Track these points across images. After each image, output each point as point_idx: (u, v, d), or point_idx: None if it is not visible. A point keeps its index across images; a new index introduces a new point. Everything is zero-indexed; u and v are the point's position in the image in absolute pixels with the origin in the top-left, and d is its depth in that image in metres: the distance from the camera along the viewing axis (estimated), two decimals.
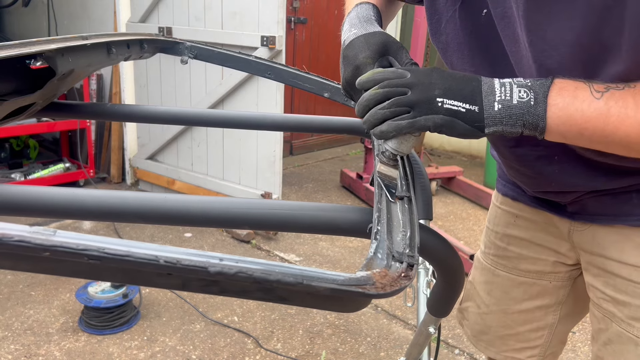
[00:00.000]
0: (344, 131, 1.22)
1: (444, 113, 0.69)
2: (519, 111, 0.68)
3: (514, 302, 1.16)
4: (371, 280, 0.45)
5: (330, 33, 5.16)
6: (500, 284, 1.17)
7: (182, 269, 0.41)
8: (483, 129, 0.69)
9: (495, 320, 1.20)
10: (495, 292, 1.18)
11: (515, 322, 1.18)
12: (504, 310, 1.18)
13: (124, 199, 0.63)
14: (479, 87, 0.69)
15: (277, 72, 1.31)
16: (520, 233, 1.12)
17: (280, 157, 3.31)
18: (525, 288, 1.14)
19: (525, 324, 1.17)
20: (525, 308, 1.15)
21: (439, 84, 0.69)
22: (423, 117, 0.69)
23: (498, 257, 1.17)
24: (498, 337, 1.22)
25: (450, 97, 0.69)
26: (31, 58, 0.87)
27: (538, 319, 1.16)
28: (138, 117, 1.28)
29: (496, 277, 1.18)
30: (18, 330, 2.32)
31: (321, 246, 3.25)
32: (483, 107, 0.68)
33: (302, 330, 2.41)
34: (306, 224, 0.65)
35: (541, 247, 1.09)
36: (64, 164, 4.04)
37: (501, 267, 1.16)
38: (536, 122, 0.68)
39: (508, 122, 0.69)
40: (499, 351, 1.23)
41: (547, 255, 1.09)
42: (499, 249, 1.16)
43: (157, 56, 1.43)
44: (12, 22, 5.10)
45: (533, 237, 1.10)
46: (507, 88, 0.69)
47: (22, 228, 0.41)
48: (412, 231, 0.56)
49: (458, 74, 0.72)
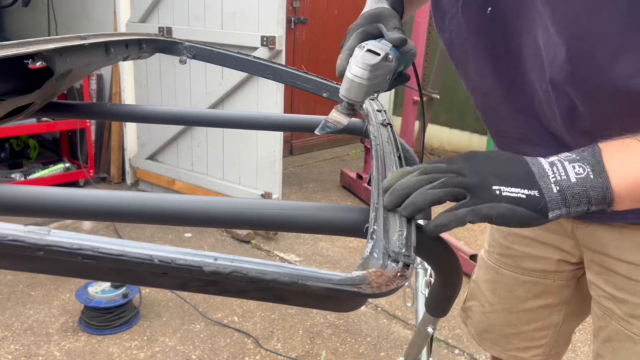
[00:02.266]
0: (344, 131, 1.22)
1: (505, 201, 0.60)
2: (581, 189, 0.61)
3: (518, 301, 1.16)
4: (367, 280, 0.45)
5: (330, 33, 5.16)
6: (504, 282, 1.17)
7: (176, 269, 0.41)
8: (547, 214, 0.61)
9: (499, 319, 1.20)
10: (499, 291, 1.19)
11: (519, 321, 1.18)
12: (508, 309, 1.18)
13: (123, 199, 0.63)
14: (529, 168, 0.62)
15: (276, 72, 1.31)
16: (523, 231, 1.12)
17: (280, 157, 3.31)
18: (529, 287, 1.14)
19: (529, 323, 1.17)
20: (530, 307, 1.16)
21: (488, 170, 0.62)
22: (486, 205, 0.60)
23: (502, 256, 1.17)
24: (502, 335, 1.22)
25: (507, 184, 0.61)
26: (29, 58, 0.87)
27: (542, 318, 1.16)
28: (138, 117, 1.28)
29: (500, 275, 1.18)
30: (18, 330, 2.32)
31: (321, 246, 3.25)
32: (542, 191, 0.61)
33: (302, 330, 2.41)
34: (304, 224, 0.65)
35: (545, 245, 1.10)
36: (64, 164, 4.04)
37: (505, 265, 1.17)
38: (603, 195, 0.62)
39: (572, 202, 0.62)
40: (503, 350, 1.23)
41: (550, 254, 1.10)
42: (503, 248, 1.17)
43: (157, 56, 1.43)
44: (12, 22, 5.10)
45: (537, 235, 1.10)
46: (559, 167, 0.62)
47: (17, 227, 0.41)
48: (409, 231, 0.56)
49: (500, 156, 0.64)
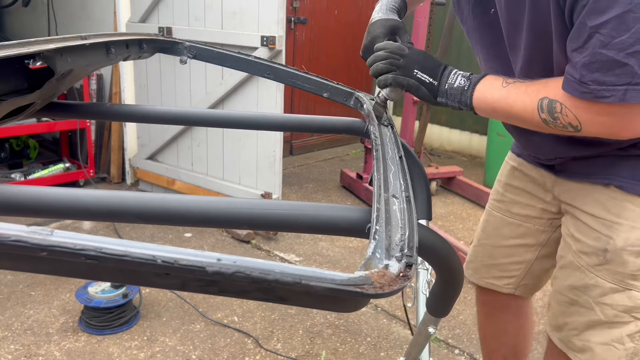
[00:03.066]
0: (344, 131, 1.22)
1: (415, 79, 1.06)
2: (456, 92, 1.05)
3: (502, 238, 1.44)
4: (369, 280, 0.45)
5: (330, 33, 5.16)
6: (493, 222, 1.46)
7: (179, 269, 0.41)
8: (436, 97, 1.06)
9: (483, 252, 1.49)
10: (488, 229, 1.47)
11: (500, 254, 1.46)
12: (492, 244, 1.46)
13: (124, 199, 0.63)
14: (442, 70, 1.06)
15: (276, 72, 1.31)
16: (516, 182, 1.39)
17: (280, 157, 3.31)
18: (513, 228, 1.41)
19: (507, 257, 1.45)
20: (510, 244, 1.43)
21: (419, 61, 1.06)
22: (402, 77, 1.06)
23: (496, 201, 1.45)
24: (483, 265, 1.49)
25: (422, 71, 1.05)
26: (30, 58, 0.87)
27: (519, 254, 1.43)
28: (138, 117, 1.28)
29: (492, 217, 1.46)
30: (18, 330, 2.32)
31: (321, 246, 3.25)
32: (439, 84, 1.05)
33: (302, 330, 2.41)
34: (305, 224, 0.65)
35: (531, 196, 1.36)
36: (64, 164, 4.04)
37: (497, 209, 1.45)
38: (466, 101, 1.04)
39: (449, 98, 1.06)
40: (481, 277, 1.51)
41: (535, 203, 1.36)
42: (498, 194, 1.45)
43: (157, 56, 1.43)
44: (12, 22, 5.10)
45: (526, 186, 1.37)
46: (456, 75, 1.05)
47: (20, 228, 0.41)
48: (411, 231, 0.56)
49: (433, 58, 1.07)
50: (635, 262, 1.09)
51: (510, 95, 0.99)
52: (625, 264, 1.10)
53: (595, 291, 1.15)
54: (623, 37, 0.81)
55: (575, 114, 0.92)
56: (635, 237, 1.09)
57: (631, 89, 0.84)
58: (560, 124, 0.95)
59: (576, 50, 0.88)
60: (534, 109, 0.96)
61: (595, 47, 0.84)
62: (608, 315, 1.14)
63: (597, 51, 0.84)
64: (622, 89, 0.85)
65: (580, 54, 0.87)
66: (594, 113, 0.91)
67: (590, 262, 1.15)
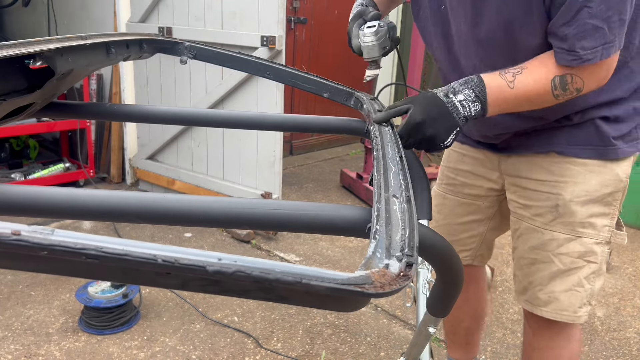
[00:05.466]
0: (344, 131, 1.22)
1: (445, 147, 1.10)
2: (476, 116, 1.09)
3: (457, 216, 1.63)
4: (370, 280, 0.45)
5: (330, 33, 5.15)
6: (448, 205, 1.64)
7: (180, 268, 0.41)
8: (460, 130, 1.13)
9: (442, 230, 1.65)
10: (444, 210, 1.65)
11: (457, 231, 1.64)
12: (449, 223, 1.65)
13: (124, 199, 0.63)
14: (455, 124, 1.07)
15: (276, 72, 1.31)
16: (465, 167, 1.57)
17: (280, 157, 3.31)
18: (465, 207, 1.61)
19: (464, 233, 1.64)
20: (464, 221, 1.62)
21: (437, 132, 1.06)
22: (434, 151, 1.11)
23: (449, 185, 1.63)
24: None
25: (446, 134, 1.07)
26: (30, 58, 0.87)
27: (473, 228, 1.63)
28: (138, 117, 1.28)
29: (446, 199, 1.64)
30: (18, 330, 2.32)
31: (321, 246, 3.25)
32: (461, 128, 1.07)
33: (302, 330, 2.41)
34: (305, 224, 0.65)
35: (479, 177, 1.54)
36: (64, 164, 4.04)
37: (450, 192, 1.63)
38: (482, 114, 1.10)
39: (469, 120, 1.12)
40: None
41: (482, 183, 1.54)
42: (449, 179, 1.62)
43: (157, 56, 1.43)
44: (12, 22, 5.10)
45: (474, 169, 1.54)
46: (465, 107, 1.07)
47: (20, 227, 0.41)
48: (412, 230, 0.56)
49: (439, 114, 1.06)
50: (581, 210, 1.30)
51: (518, 92, 1.09)
52: (574, 213, 1.30)
53: (552, 245, 1.33)
54: (601, 6, 1.00)
55: (581, 78, 1.09)
56: (579, 189, 1.29)
57: (606, 46, 1.04)
58: (569, 92, 1.10)
59: (565, 24, 1.04)
60: (547, 92, 1.10)
61: (584, 18, 1.01)
62: (566, 263, 1.33)
63: (585, 21, 1.01)
64: (599, 49, 1.04)
65: (569, 26, 1.03)
66: (591, 73, 1.09)
67: (545, 220, 1.34)
